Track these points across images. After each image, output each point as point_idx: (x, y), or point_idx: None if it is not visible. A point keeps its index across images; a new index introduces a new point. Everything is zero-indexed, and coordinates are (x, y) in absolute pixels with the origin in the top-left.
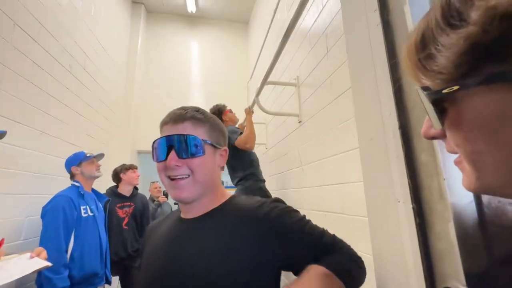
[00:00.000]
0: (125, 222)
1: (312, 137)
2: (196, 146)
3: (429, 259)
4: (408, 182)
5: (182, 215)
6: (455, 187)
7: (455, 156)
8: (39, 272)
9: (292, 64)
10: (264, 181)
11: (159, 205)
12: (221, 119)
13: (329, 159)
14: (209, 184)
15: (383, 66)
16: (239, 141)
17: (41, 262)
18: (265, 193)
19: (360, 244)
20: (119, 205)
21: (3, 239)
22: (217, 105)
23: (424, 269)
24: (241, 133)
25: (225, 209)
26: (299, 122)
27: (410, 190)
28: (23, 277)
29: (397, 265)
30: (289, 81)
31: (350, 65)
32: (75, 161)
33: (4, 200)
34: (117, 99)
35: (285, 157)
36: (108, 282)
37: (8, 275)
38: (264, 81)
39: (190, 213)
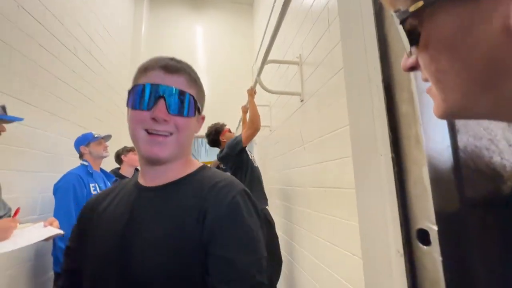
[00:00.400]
0: None
1: (313, 115)
2: (189, 105)
3: (405, 206)
4: (389, 133)
5: (142, 182)
6: (432, 134)
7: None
8: (54, 244)
9: (295, 42)
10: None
11: None
12: (218, 139)
13: (328, 136)
14: (185, 149)
15: (370, 21)
16: (244, 136)
17: (53, 230)
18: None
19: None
20: None
21: (18, 208)
22: (215, 125)
23: (400, 215)
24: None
25: (191, 181)
26: (301, 101)
27: (390, 141)
28: (41, 248)
29: (377, 217)
30: (292, 59)
31: (340, 22)
32: (83, 141)
33: (20, 177)
34: (123, 83)
35: (288, 137)
36: None
37: (24, 241)
38: (265, 59)
39: (154, 180)
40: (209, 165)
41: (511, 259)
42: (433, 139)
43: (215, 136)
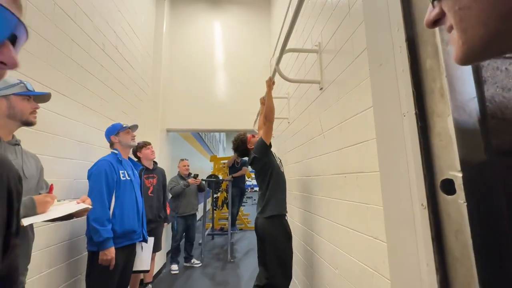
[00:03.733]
0: (150, 190)
1: (333, 102)
2: None
3: (429, 158)
4: (412, 90)
5: None
6: (457, 86)
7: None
8: (88, 225)
9: (314, 31)
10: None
11: (188, 185)
12: (246, 148)
13: (349, 121)
14: None
15: None
16: (264, 136)
17: (83, 205)
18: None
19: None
20: (145, 176)
21: (51, 185)
22: (238, 136)
23: (423, 169)
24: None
25: None
26: (321, 89)
27: (414, 97)
28: (76, 229)
29: (401, 170)
30: (312, 48)
31: None
32: (113, 131)
33: (56, 163)
34: (146, 79)
35: (307, 127)
36: (145, 240)
37: (56, 213)
38: (284, 48)
39: None
40: (226, 160)
41: None
42: (458, 91)
43: (243, 146)
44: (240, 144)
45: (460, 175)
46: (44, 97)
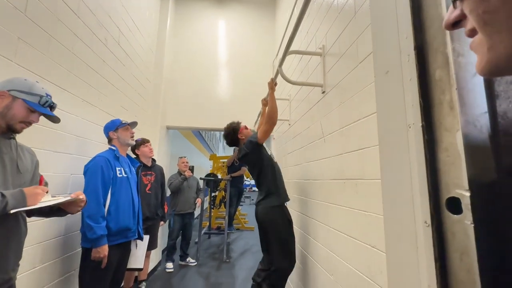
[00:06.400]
0: (147, 187)
1: (334, 106)
2: None
3: (434, 175)
4: (420, 101)
5: None
6: (468, 99)
7: (470, 72)
8: (82, 222)
9: (319, 33)
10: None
11: (185, 179)
12: (237, 138)
13: (351, 126)
14: None
15: None
16: (260, 133)
17: (74, 197)
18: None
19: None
20: (143, 172)
21: (42, 176)
22: (231, 124)
23: (428, 183)
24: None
25: None
26: (323, 92)
27: (420, 109)
28: (70, 225)
29: (403, 184)
30: (315, 51)
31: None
32: (112, 127)
33: (53, 157)
34: (147, 75)
35: (308, 130)
36: (140, 237)
37: (46, 203)
38: (287, 49)
39: None
40: (226, 160)
41: None
42: (469, 105)
43: (233, 136)
44: (231, 132)
45: (468, 194)
46: (53, 119)
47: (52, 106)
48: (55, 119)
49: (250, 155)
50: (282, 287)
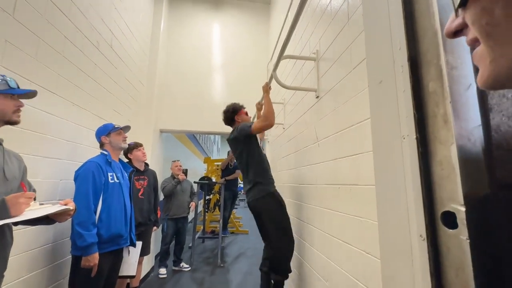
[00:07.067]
0: (140, 192)
1: (328, 111)
2: None
3: (429, 188)
4: (414, 113)
5: None
6: (462, 112)
7: (463, 84)
8: (72, 229)
9: (313, 38)
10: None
11: (179, 182)
12: (233, 118)
13: (344, 131)
14: None
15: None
16: (255, 125)
17: (63, 207)
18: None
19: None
20: (136, 177)
21: (22, 182)
22: (233, 104)
23: (423, 197)
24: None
25: None
26: (317, 97)
27: (415, 121)
28: (59, 232)
29: (398, 196)
30: (309, 55)
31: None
32: (104, 131)
33: (43, 163)
34: (141, 78)
35: (302, 135)
36: (133, 244)
37: (33, 214)
38: (281, 54)
39: None
40: (220, 162)
41: None
42: (463, 118)
43: (232, 114)
44: (231, 110)
45: (463, 209)
46: (29, 95)
47: (8, 81)
48: (31, 94)
49: (237, 139)
50: (288, 269)
